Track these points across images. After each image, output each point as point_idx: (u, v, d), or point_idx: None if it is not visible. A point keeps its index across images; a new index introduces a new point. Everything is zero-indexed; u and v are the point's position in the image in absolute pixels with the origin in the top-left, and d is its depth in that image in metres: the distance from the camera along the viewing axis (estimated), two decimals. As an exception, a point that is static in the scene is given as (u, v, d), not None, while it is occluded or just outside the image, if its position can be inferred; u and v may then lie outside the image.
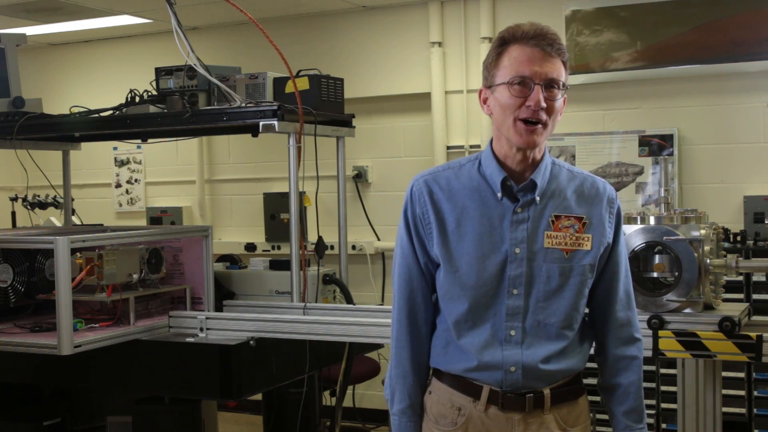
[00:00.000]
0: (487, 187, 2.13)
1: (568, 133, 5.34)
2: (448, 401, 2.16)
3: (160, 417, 3.82)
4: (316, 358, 3.72)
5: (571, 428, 2.15)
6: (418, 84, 5.74)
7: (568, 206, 2.13)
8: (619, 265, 2.20)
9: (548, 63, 2.04)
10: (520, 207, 2.11)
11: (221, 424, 4.91)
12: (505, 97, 2.05)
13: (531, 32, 2.06)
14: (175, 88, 3.97)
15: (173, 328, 3.64)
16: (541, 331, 2.10)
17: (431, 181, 2.18)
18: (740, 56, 4.93)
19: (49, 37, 6.58)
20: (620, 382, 2.21)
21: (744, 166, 5.05)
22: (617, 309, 2.20)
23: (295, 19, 6.02)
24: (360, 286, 5.73)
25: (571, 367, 2.15)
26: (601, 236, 2.14)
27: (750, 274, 4.47)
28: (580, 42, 5.26)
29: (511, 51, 2.06)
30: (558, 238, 2.10)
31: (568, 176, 2.17)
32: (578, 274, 2.11)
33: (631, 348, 2.22)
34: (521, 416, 2.10)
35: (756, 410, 4.49)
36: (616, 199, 2.20)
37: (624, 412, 2.21)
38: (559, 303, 2.10)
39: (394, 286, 2.25)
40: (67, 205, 4.83)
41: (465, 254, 2.11)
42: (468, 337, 2.12)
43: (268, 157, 6.12)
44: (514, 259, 2.09)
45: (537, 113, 2.03)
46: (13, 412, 4.17)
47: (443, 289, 2.16)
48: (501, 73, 2.06)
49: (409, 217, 2.19)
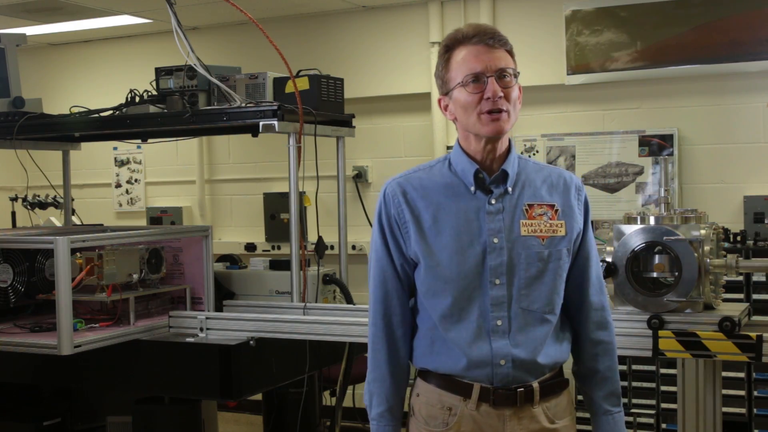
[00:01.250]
0: (459, 183, 2.18)
1: (568, 133, 5.34)
2: (438, 402, 2.17)
3: (160, 417, 3.82)
4: (316, 358, 3.72)
5: (559, 420, 2.18)
6: (418, 84, 5.74)
7: (539, 195, 2.19)
8: (590, 251, 2.26)
9: (494, 55, 2.11)
10: (494, 198, 2.16)
11: (221, 424, 4.91)
12: (463, 97, 2.12)
13: (471, 32, 2.13)
14: (175, 88, 3.97)
15: (173, 328, 3.63)
16: (527, 319, 2.13)
17: (404, 182, 2.23)
18: (740, 56, 4.93)
19: (49, 37, 6.58)
20: (598, 367, 2.26)
21: (744, 166, 5.05)
22: (591, 293, 2.25)
23: (295, 19, 6.03)
24: (360, 286, 5.69)
25: (557, 359, 2.18)
26: (573, 222, 2.20)
27: (750, 274, 4.47)
28: (580, 42, 5.26)
29: (457, 54, 2.14)
30: (533, 226, 2.15)
31: (535, 168, 2.24)
32: (556, 259, 2.16)
33: (606, 332, 2.27)
34: (512, 411, 2.12)
35: (756, 410, 4.49)
36: (582, 188, 2.27)
37: (603, 396, 2.26)
38: (540, 289, 2.14)
39: (369, 290, 2.27)
40: (67, 205, 4.83)
41: (444, 248, 2.14)
42: (455, 332, 2.13)
43: (268, 157, 6.12)
44: (493, 249, 2.12)
45: (497, 103, 2.09)
46: (13, 412, 4.18)
47: (425, 286, 2.18)
48: (453, 77, 2.14)
49: (384, 219, 2.22)
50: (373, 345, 2.25)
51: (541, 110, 5.36)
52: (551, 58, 5.33)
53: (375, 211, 2.25)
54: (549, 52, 5.34)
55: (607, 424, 2.26)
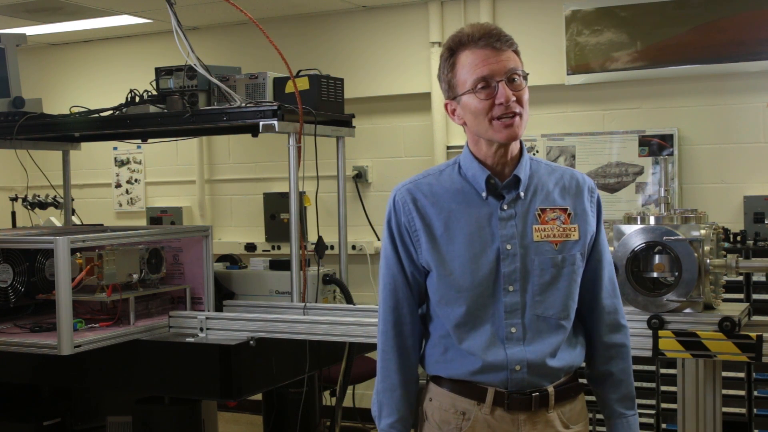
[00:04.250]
0: (470, 189, 2.14)
1: (568, 133, 5.34)
2: (451, 406, 2.14)
3: (160, 417, 3.82)
4: (316, 358, 3.71)
5: (573, 426, 2.16)
6: (418, 84, 5.74)
7: (552, 199, 2.15)
8: (603, 253, 2.23)
9: (502, 57, 2.06)
10: (506, 204, 2.12)
11: (221, 424, 4.91)
12: (474, 104, 2.07)
13: (476, 34, 2.07)
14: (175, 88, 3.97)
15: (173, 328, 3.64)
16: (541, 325, 2.10)
17: (413, 189, 2.17)
18: (740, 56, 4.93)
19: (49, 37, 6.58)
20: (611, 370, 2.23)
21: (744, 166, 5.05)
22: (603, 296, 2.22)
23: (295, 19, 6.03)
24: (360, 286, 5.73)
25: (571, 364, 2.15)
26: (586, 225, 2.16)
27: (750, 274, 4.47)
28: (580, 42, 5.26)
29: (463, 58, 2.08)
30: (546, 231, 2.12)
31: (547, 170, 2.20)
32: (570, 264, 2.12)
33: (620, 335, 2.24)
34: (527, 416, 2.10)
35: (756, 410, 4.49)
36: (595, 189, 2.23)
37: (617, 399, 2.23)
38: (555, 295, 2.11)
39: (379, 298, 2.24)
40: (67, 205, 4.84)
41: (457, 256, 2.11)
42: (469, 340, 2.10)
43: (268, 157, 6.12)
44: (507, 256, 2.09)
45: (510, 107, 2.05)
46: (12, 412, 4.18)
47: (438, 295, 2.14)
48: (461, 82, 2.09)
49: (394, 227, 2.18)
50: (383, 354, 2.21)
51: (541, 110, 5.36)
52: (551, 58, 5.33)
53: (384, 218, 2.21)
54: (549, 52, 5.34)
55: (621, 427, 2.23)
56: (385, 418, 2.20)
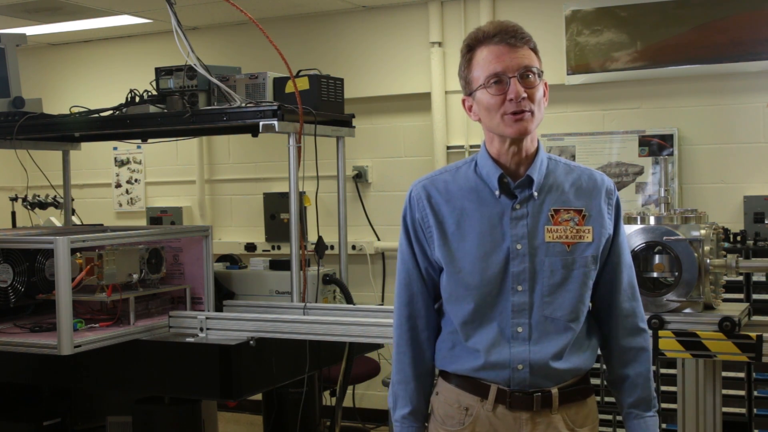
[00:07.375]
0: (484, 187, 2.15)
1: (568, 133, 5.34)
2: (455, 401, 2.16)
3: (160, 417, 3.82)
4: (316, 358, 3.72)
5: (579, 429, 2.15)
6: (418, 84, 5.74)
7: (566, 200, 2.14)
8: (621, 256, 2.21)
9: (517, 54, 2.07)
10: (519, 203, 2.12)
11: (221, 424, 4.91)
12: (486, 99, 2.08)
13: (492, 31, 2.09)
14: (175, 88, 3.97)
15: (173, 328, 3.64)
16: (549, 326, 2.10)
17: (429, 185, 2.20)
18: (740, 56, 4.93)
19: (49, 37, 6.58)
20: (628, 373, 2.22)
21: (744, 166, 5.05)
22: (621, 300, 2.21)
23: (295, 19, 6.03)
24: (360, 286, 5.73)
25: (579, 366, 2.15)
26: (601, 228, 2.15)
27: (750, 274, 4.47)
28: (580, 42, 5.26)
29: (479, 54, 2.10)
30: (558, 232, 2.11)
31: (565, 170, 2.18)
32: (581, 266, 2.11)
33: (638, 339, 2.22)
34: (529, 415, 2.10)
35: (756, 410, 4.49)
36: (614, 191, 2.20)
37: (631, 404, 2.22)
38: (564, 297, 2.10)
39: (395, 291, 2.26)
40: (67, 205, 4.84)
41: (467, 254, 2.12)
42: (476, 337, 2.12)
43: (268, 157, 6.12)
44: (516, 256, 2.10)
45: (520, 104, 2.05)
46: (12, 412, 4.18)
47: (447, 291, 2.16)
48: (476, 78, 2.10)
49: (409, 222, 2.21)
50: (398, 347, 2.24)
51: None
52: (551, 58, 5.31)
53: (401, 213, 2.23)
54: (549, 52, 5.32)
55: (638, 427, 2.22)
56: (399, 409, 2.24)
